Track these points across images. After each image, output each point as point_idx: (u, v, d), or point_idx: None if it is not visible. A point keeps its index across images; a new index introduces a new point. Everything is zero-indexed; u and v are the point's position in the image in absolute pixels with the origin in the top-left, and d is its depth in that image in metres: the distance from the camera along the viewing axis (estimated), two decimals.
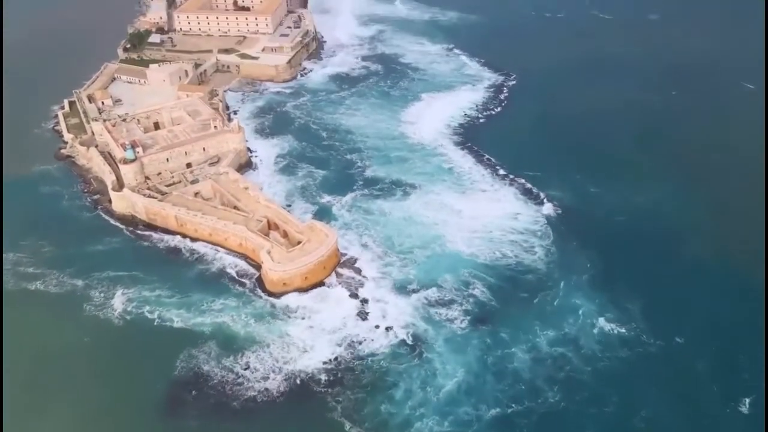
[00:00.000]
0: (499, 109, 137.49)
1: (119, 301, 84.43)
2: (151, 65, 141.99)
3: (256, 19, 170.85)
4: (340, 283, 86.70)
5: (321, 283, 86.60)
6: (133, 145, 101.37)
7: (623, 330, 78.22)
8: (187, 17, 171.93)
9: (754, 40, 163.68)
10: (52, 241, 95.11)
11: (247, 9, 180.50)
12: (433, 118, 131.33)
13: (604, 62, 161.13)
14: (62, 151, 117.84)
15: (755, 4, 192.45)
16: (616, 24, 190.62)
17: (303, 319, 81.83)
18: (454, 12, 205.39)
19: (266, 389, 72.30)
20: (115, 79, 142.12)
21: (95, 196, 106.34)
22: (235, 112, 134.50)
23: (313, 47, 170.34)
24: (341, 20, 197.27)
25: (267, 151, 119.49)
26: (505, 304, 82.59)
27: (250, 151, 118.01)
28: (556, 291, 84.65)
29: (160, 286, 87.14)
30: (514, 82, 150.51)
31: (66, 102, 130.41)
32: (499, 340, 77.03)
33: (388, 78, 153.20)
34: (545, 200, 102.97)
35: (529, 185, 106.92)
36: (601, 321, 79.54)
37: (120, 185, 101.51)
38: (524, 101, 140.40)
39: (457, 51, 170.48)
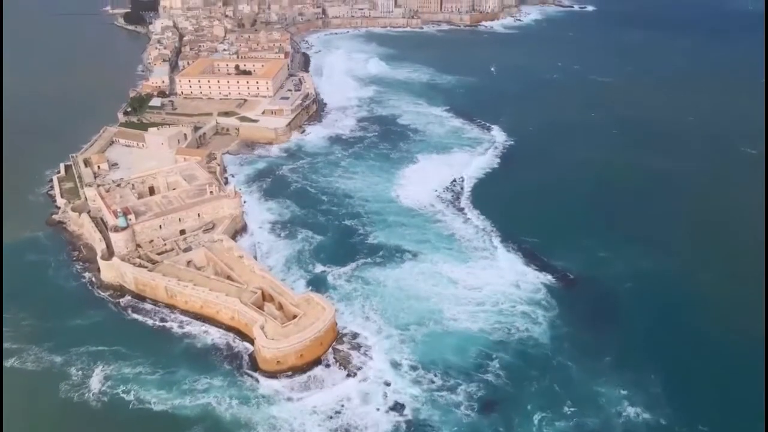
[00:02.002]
0: (497, 171, 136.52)
1: (97, 380, 78.36)
2: (149, 129, 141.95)
3: (257, 82, 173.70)
4: (337, 361, 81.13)
5: (317, 361, 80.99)
6: (125, 213, 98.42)
7: (648, 415, 71.95)
8: (189, 81, 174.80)
9: (754, 104, 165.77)
10: (33, 313, 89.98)
11: (249, 73, 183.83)
12: (431, 180, 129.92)
13: (603, 125, 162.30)
14: (54, 216, 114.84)
15: (754, 70, 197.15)
16: (614, 87, 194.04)
17: (297, 401, 75.69)
18: (452, 75, 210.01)
19: None
20: (113, 142, 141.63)
21: (84, 265, 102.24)
22: (232, 176, 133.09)
23: (313, 109, 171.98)
24: (341, 82, 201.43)
25: (264, 216, 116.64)
26: (515, 384, 76.51)
27: (246, 214, 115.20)
28: (568, 369, 78.85)
29: (142, 362, 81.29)
30: (512, 144, 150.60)
31: (62, 166, 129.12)
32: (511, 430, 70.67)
33: (387, 140, 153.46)
34: (549, 268, 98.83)
35: (530, 252, 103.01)
36: (624, 404, 73.42)
37: (110, 253, 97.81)
38: (523, 164, 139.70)
39: (454, 113, 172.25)
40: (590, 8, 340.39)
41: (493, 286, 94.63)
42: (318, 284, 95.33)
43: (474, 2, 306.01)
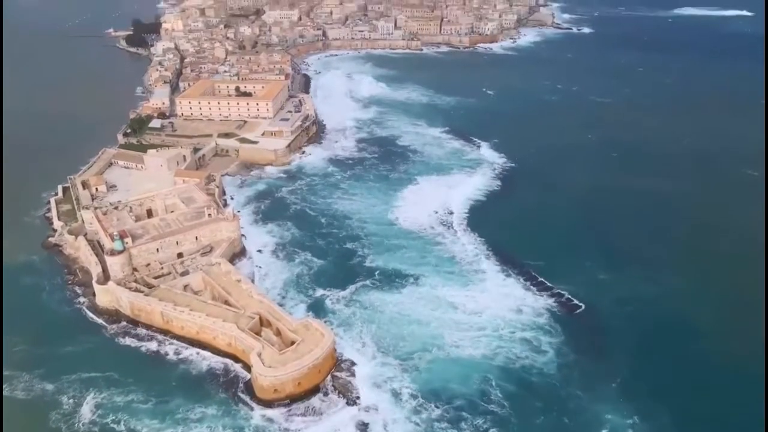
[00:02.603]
0: (496, 193, 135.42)
1: (88, 409, 76.38)
2: (149, 150, 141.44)
3: (257, 104, 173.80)
4: (336, 389, 79.13)
5: (316, 389, 79.05)
6: (122, 236, 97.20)
7: None
8: (189, 102, 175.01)
9: (754, 126, 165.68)
10: (25, 339, 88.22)
11: (249, 94, 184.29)
12: (431, 202, 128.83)
13: (602, 147, 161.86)
14: (50, 239, 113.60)
15: (754, 91, 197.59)
16: (613, 108, 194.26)
17: None
18: (451, 96, 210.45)
19: None
20: (112, 164, 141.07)
21: (79, 289, 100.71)
22: (231, 198, 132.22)
23: (313, 131, 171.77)
24: (341, 104, 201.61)
25: (262, 238, 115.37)
26: (519, 415, 74.39)
27: (245, 237, 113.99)
28: (574, 398, 76.84)
29: (135, 389, 79.47)
30: (512, 166, 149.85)
31: (60, 188, 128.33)
32: None
33: (386, 161, 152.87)
34: (550, 292, 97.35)
35: (531, 276, 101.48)
36: None
37: (106, 277, 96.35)
38: (524, 186, 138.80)
39: (454, 134, 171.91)
40: (588, 30, 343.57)
41: (493, 311, 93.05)
42: (317, 308, 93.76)
43: (473, 25, 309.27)
